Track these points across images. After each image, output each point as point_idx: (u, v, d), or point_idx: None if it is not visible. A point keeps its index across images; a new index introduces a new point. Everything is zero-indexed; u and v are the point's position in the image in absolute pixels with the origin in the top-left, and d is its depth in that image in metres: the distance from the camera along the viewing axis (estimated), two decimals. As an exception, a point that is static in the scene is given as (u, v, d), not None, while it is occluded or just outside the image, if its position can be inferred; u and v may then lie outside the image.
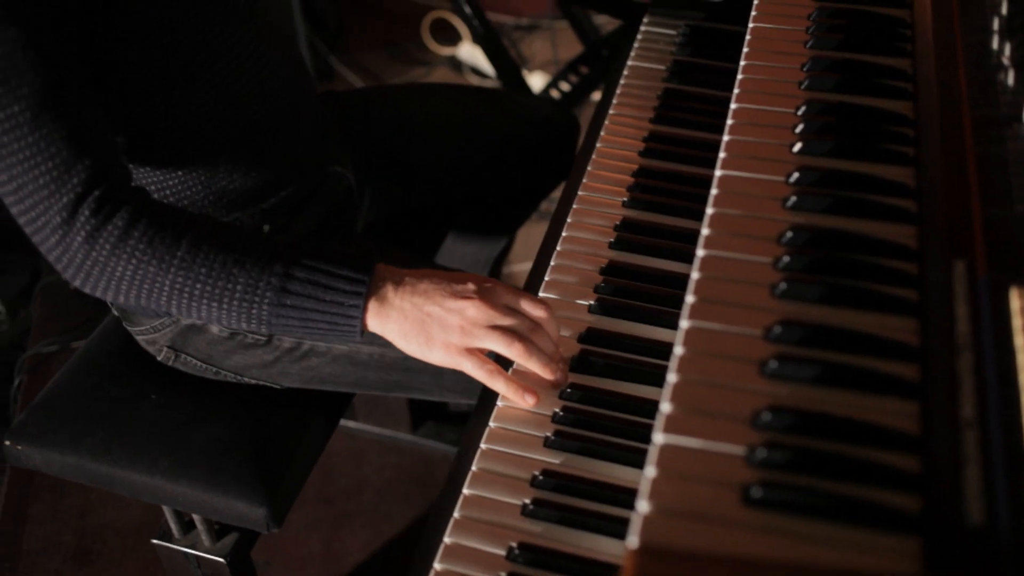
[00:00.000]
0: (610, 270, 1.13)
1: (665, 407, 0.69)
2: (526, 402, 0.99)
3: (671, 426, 0.67)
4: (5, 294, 2.63)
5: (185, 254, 0.99)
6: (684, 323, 0.75)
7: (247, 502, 1.22)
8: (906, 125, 0.93)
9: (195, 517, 1.32)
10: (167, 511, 1.34)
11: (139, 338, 1.29)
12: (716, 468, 0.65)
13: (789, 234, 0.81)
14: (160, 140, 1.14)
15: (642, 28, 1.55)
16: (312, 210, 1.31)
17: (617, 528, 0.85)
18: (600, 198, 1.24)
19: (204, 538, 1.36)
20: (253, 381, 1.30)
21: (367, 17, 3.17)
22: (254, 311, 1.01)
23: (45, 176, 0.95)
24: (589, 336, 1.05)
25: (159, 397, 1.30)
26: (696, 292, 0.77)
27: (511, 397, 0.99)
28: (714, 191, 0.86)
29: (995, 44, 0.96)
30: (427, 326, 1.01)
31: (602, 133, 1.35)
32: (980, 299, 0.71)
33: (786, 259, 0.79)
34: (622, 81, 1.43)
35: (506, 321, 1.00)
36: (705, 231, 0.83)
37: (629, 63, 1.47)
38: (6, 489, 1.93)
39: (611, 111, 1.38)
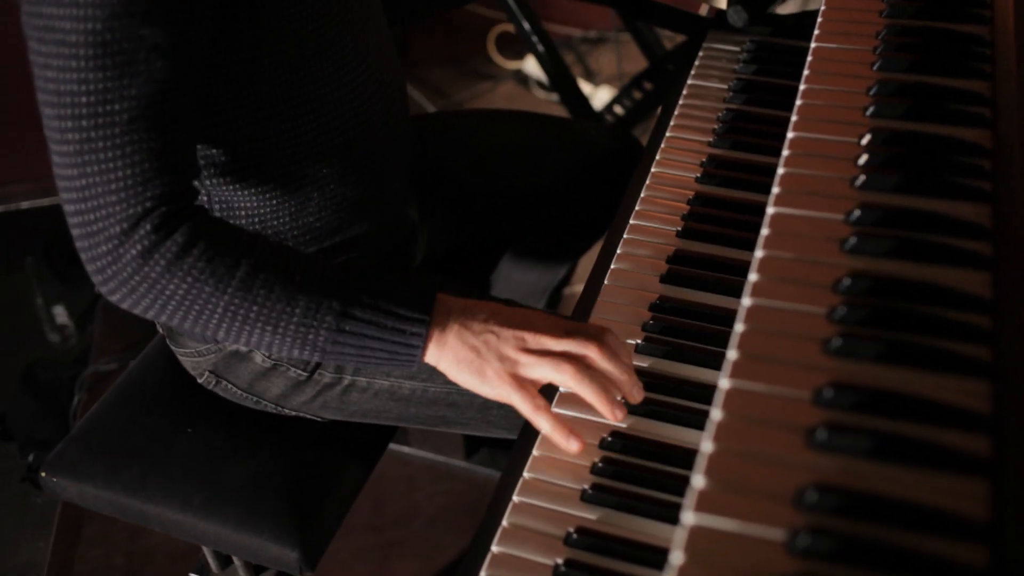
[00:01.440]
0: (660, 306, 1.06)
1: (698, 481, 0.62)
2: (570, 447, 0.93)
3: (703, 504, 0.60)
4: (74, 308, 2.65)
5: (245, 275, 0.95)
6: (724, 383, 0.68)
7: (280, 544, 1.17)
8: (983, 156, 0.84)
9: (231, 554, 1.28)
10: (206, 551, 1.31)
11: (183, 359, 1.26)
12: (752, 555, 0.57)
13: (847, 281, 0.73)
14: (261, 167, 1.10)
15: (704, 44, 1.47)
16: (377, 245, 1.26)
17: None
18: (653, 227, 1.17)
19: (242, 574, 1.32)
20: (293, 413, 1.25)
21: (430, 32, 3.13)
22: (311, 336, 0.97)
23: (119, 183, 0.91)
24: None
25: (196, 429, 1.27)
26: (739, 347, 0.70)
27: (555, 438, 0.93)
28: (765, 231, 0.78)
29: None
30: (482, 355, 0.97)
31: (657, 157, 1.27)
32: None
33: (842, 310, 0.71)
34: (681, 101, 1.36)
35: (562, 346, 0.94)
36: (753, 276, 0.75)
37: (689, 81, 1.40)
38: (60, 509, 1.93)
39: (668, 133, 1.31)
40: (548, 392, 0.98)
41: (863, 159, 0.85)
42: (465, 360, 0.97)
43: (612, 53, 2.93)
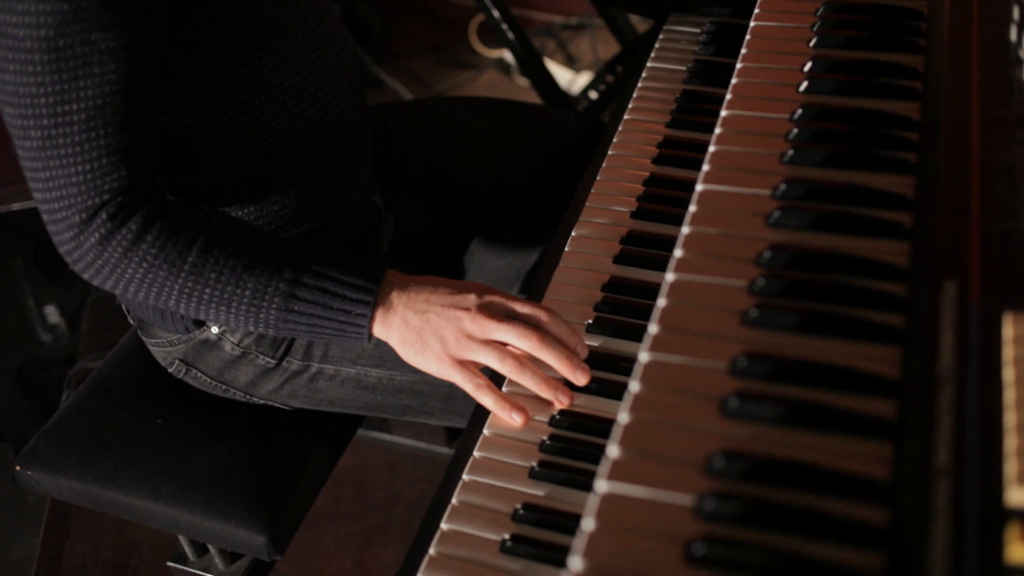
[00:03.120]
0: (611, 286, 1.08)
1: (612, 451, 0.63)
2: (513, 420, 0.95)
3: (616, 473, 0.62)
4: (66, 308, 2.68)
5: (196, 259, 0.98)
6: (643, 356, 0.69)
7: (248, 529, 1.19)
8: (911, 129, 0.85)
9: (205, 541, 1.30)
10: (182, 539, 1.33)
11: (153, 350, 1.28)
12: (661, 520, 0.59)
13: (767, 254, 0.75)
14: (223, 157, 1.12)
15: (665, 27, 1.49)
16: (341, 232, 1.28)
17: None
18: (608, 208, 1.18)
19: (217, 561, 1.34)
20: (261, 401, 1.27)
21: (411, 22, 3.14)
22: (262, 315, 1.01)
23: (78, 177, 0.95)
24: (585, 358, 0.99)
25: (166, 420, 1.29)
26: (660, 321, 0.71)
27: (499, 413, 0.95)
28: (692, 208, 0.80)
29: (1014, 36, 0.88)
30: (424, 334, 1.00)
31: (614, 139, 1.29)
32: (969, 326, 0.64)
33: (761, 282, 0.72)
34: (639, 84, 1.37)
35: (503, 332, 0.96)
36: (678, 252, 0.77)
37: (648, 64, 1.41)
38: (49, 505, 1.95)
39: (625, 116, 1.32)
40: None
41: (793, 134, 0.86)
42: (408, 340, 1.01)
43: (588, 39, 2.94)
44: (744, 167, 0.84)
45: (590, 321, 1.03)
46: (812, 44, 0.97)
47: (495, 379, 0.99)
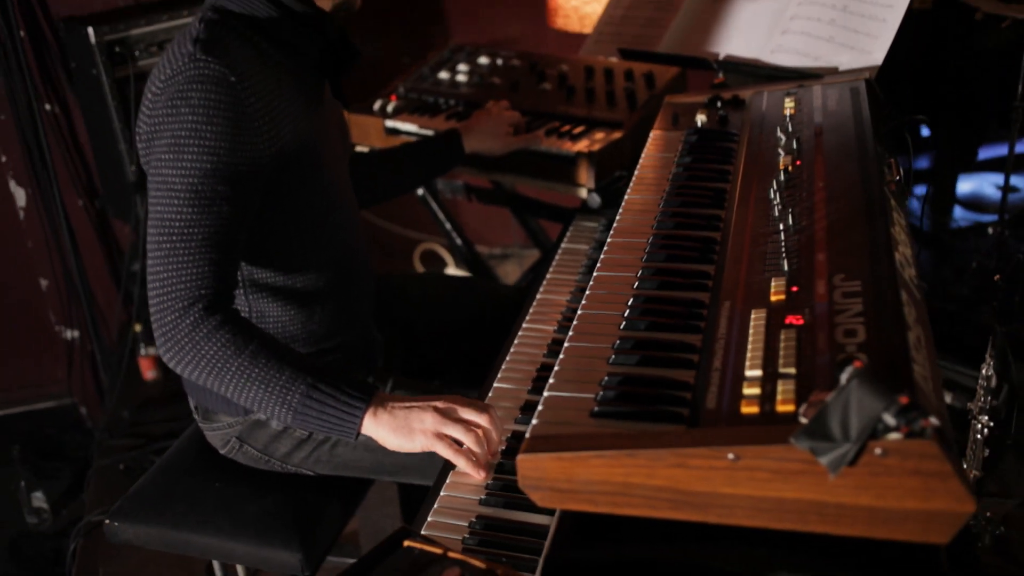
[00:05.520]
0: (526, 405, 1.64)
1: (551, 384, 1.19)
2: (479, 476, 1.44)
3: (552, 388, 1.17)
4: (51, 494, 3.09)
5: (253, 349, 1.48)
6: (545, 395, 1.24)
7: (287, 551, 1.66)
8: (716, 249, 1.47)
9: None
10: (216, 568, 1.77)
11: (212, 434, 1.77)
12: (576, 404, 1.14)
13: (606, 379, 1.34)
14: (284, 288, 1.66)
15: (573, 223, 2.14)
16: (352, 349, 1.81)
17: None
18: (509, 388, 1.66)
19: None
20: (293, 469, 1.76)
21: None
22: (288, 397, 1.47)
23: (187, 278, 1.46)
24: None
25: (221, 484, 1.77)
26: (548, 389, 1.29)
27: (469, 471, 1.43)
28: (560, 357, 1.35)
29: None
30: (410, 421, 1.47)
31: (531, 309, 1.89)
32: (735, 318, 1.23)
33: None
34: (553, 263, 1.99)
35: (466, 413, 1.46)
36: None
37: (563, 246, 2.05)
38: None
39: (538, 295, 1.90)
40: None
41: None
42: (397, 428, 1.46)
43: (516, 265, 3.62)
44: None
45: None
46: (635, 286, 1.61)
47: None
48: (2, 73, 3.05)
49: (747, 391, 1.08)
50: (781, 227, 1.40)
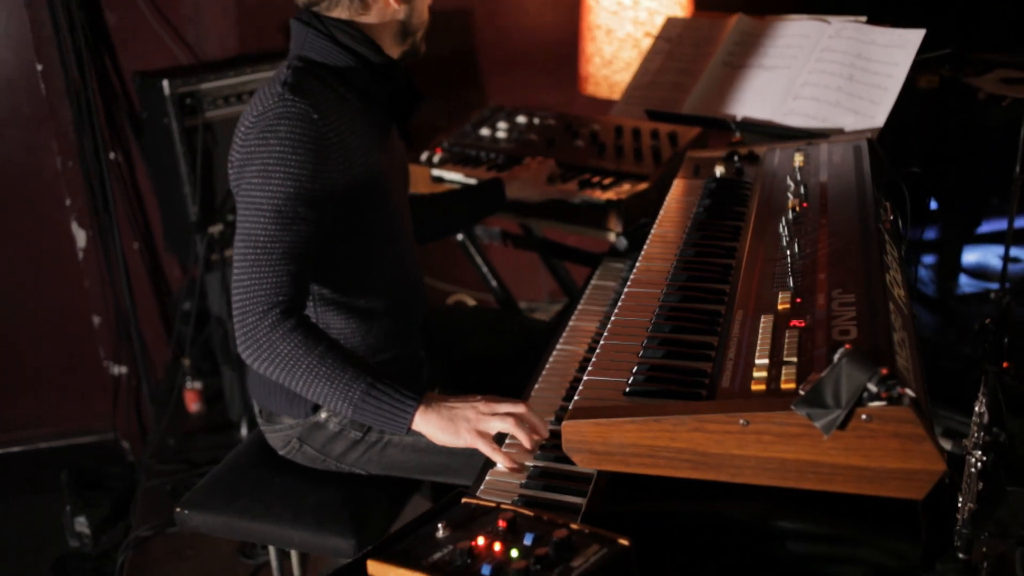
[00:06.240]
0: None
1: (589, 371, 1.40)
2: (512, 468, 1.61)
3: (590, 374, 1.38)
4: (92, 520, 3.27)
5: (323, 349, 1.69)
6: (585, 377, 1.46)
7: (342, 538, 1.85)
8: (730, 271, 1.69)
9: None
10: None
11: (273, 435, 1.97)
12: (611, 385, 1.34)
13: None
14: (347, 304, 1.89)
15: (602, 264, 2.36)
16: (401, 366, 2.02)
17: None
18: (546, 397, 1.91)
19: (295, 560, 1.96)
20: (347, 468, 1.96)
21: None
22: (350, 393, 1.67)
23: (267, 285, 1.68)
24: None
25: (281, 480, 1.96)
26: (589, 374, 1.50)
27: (505, 465, 1.60)
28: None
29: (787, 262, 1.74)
30: (455, 419, 1.67)
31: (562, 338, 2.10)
32: (747, 322, 1.43)
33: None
34: (584, 296, 2.21)
35: (504, 408, 1.66)
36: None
37: (593, 282, 2.26)
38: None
39: (571, 322, 2.12)
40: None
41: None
42: (444, 426, 1.66)
43: (543, 316, 3.83)
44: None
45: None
46: (661, 298, 1.82)
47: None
48: (74, 123, 3.33)
49: (756, 374, 1.29)
50: (788, 254, 1.62)
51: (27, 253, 3.53)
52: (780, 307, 1.45)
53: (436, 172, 2.63)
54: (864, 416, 1.15)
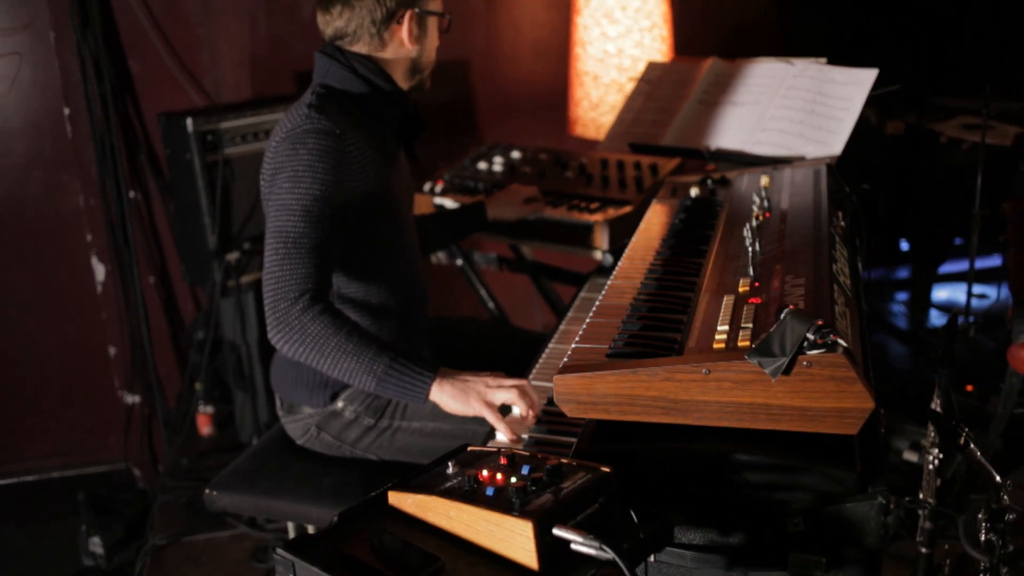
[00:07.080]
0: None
1: (577, 341, 1.62)
2: (512, 437, 1.85)
3: (578, 343, 1.61)
4: (106, 541, 3.43)
5: (349, 329, 1.91)
6: (572, 346, 1.69)
7: (355, 513, 2.04)
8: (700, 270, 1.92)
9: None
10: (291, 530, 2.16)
11: (293, 425, 2.19)
12: (595, 351, 1.57)
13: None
14: (362, 300, 2.12)
15: (589, 280, 2.60)
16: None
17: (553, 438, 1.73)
18: (541, 384, 2.18)
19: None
20: (360, 454, 2.17)
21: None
22: (374, 366, 1.89)
23: (296, 276, 1.90)
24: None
25: (301, 465, 2.17)
26: (579, 340, 1.73)
27: (507, 434, 1.83)
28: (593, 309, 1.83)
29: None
30: (467, 390, 1.90)
31: (552, 340, 2.33)
32: (712, 301, 1.67)
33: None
34: (573, 305, 2.44)
35: (510, 381, 1.90)
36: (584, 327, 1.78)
37: (581, 294, 2.50)
38: None
39: (561, 327, 2.37)
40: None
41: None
42: (456, 395, 1.89)
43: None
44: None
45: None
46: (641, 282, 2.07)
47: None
48: (97, 163, 3.57)
49: (717, 336, 1.52)
50: (751, 251, 1.86)
51: (48, 286, 3.73)
52: (740, 289, 1.68)
53: (438, 200, 2.88)
54: (805, 363, 1.38)
